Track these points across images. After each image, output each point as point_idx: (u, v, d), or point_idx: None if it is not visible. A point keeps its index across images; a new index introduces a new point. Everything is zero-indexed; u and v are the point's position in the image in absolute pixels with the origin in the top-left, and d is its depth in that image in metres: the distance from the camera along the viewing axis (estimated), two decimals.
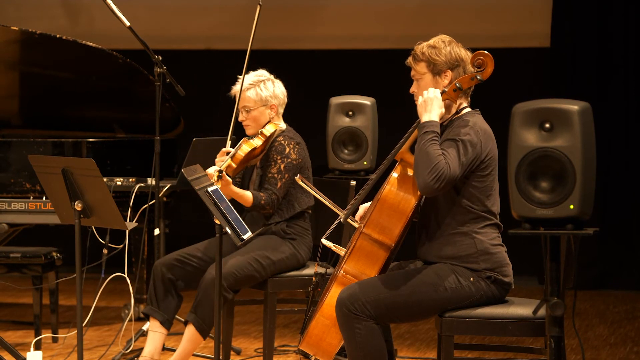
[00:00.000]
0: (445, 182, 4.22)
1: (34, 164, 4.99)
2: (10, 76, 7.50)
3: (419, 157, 4.27)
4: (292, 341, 6.60)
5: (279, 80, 5.62)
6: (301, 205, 5.54)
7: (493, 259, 4.38)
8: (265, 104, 5.51)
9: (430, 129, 4.30)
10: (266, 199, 5.39)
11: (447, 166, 4.22)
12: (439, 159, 4.23)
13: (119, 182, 6.73)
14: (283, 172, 5.44)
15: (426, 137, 4.28)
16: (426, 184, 4.22)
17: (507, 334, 4.36)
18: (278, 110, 5.57)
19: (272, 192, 5.42)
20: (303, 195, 5.55)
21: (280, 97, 5.57)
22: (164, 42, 8.61)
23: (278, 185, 5.43)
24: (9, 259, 6.50)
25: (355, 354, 4.32)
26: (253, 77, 5.55)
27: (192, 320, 5.34)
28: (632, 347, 6.60)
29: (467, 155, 4.29)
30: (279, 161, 5.45)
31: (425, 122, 4.33)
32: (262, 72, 5.60)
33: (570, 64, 8.70)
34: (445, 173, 4.21)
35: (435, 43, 4.48)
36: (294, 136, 5.55)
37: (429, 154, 4.24)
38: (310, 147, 5.64)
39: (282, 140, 5.49)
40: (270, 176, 5.44)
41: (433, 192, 4.26)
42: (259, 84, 5.52)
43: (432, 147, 4.26)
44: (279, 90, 5.57)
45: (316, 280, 4.75)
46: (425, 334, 6.92)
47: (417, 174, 4.27)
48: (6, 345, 5.76)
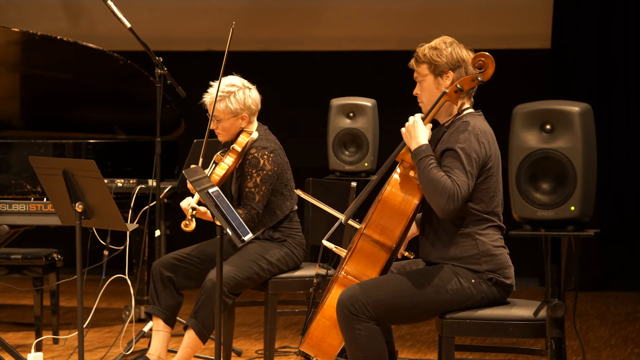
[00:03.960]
0: (461, 199, 4.25)
1: (34, 166, 4.99)
2: (11, 77, 7.50)
3: (425, 186, 4.29)
4: (293, 342, 6.60)
5: (255, 86, 5.53)
6: (283, 211, 5.53)
7: (495, 261, 4.38)
8: (236, 115, 5.47)
9: (423, 155, 4.31)
10: (245, 215, 5.38)
11: (455, 185, 4.24)
12: (443, 180, 4.24)
13: (119, 184, 6.73)
14: (260, 185, 5.42)
15: (423, 165, 4.30)
16: (442, 208, 4.26)
17: (508, 335, 4.36)
18: (250, 118, 5.52)
19: (250, 207, 5.41)
20: (285, 200, 5.53)
21: (252, 107, 5.50)
22: (165, 43, 8.61)
23: (256, 199, 5.42)
24: (10, 260, 6.50)
25: (355, 355, 4.31)
26: (224, 87, 5.46)
27: (192, 325, 5.34)
28: (632, 349, 6.60)
29: (472, 163, 4.29)
30: (254, 174, 5.43)
31: (416, 149, 4.34)
32: (233, 79, 5.50)
33: (571, 65, 8.69)
34: (455, 192, 4.23)
35: (436, 44, 4.48)
36: (268, 144, 5.48)
37: (432, 180, 4.26)
38: (311, 149, 5.64)
39: (254, 153, 5.44)
40: (248, 191, 5.42)
41: (452, 213, 4.29)
42: (230, 95, 5.44)
43: (433, 171, 4.27)
44: (251, 100, 5.48)
45: (317, 281, 4.75)
46: (426, 335, 6.92)
47: (430, 202, 4.30)
48: (7, 347, 5.76)
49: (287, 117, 8.35)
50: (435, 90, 4.46)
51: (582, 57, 8.67)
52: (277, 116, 6.19)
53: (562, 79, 8.72)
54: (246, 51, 8.85)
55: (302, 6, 9.30)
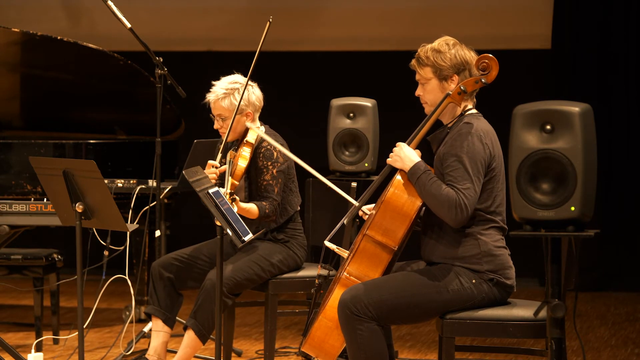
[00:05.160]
0: (470, 207, 4.25)
1: (35, 166, 4.99)
2: (11, 78, 7.50)
3: (430, 202, 4.29)
4: (293, 343, 6.60)
5: (256, 84, 5.55)
6: (293, 207, 5.54)
7: (496, 261, 4.38)
8: (240, 112, 5.46)
9: (420, 173, 4.31)
10: (269, 207, 5.38)
11: (459, 194, 4.24)
12: (446, 192, 4.25)
13: (120, 184, 6.73)
14: (277, 177, 5.42)
15: (422, 182, 4.30)
16: (453, 219, 4.27)
17: (508, 335, 4.36)
18: (254, 116, 5.52)
19: (272, 199, 5.40)
20: (293, 196, 5.54)
21: (256, 103, 5.51)
22: (165, 43, 8.61)
23: (275, 191, 5.41)
24: (10, 260, 6.50)
25: (357, 355, 4.31)
26: (227, 84, 5.47)
27: (191, 325, 5.34)
28: (632, 349, 6.60)
29: (476, 166, 4.28)
30: (270, 167, 5.43)
31: (410, 169, 4.33)
32: (236, 77, 5.52)
33: (572, 65, 8.69)
34: (461, 201, 4.23)
35: (439, 46, 4.43)
36: (276, 138, 5.50)
37: (435, 195, 4.26)
38: (311, 149, 5.64)
39: (267, 146, 5.45)
40: (266, 184, 5.42)
41: (465, 221, 4.29)
42: (233, 92, 5.45)
43: (434, 186, 4.27)
44: (254, 96, 5.49)
45: (319, 282, 4.74)
46: (426, 335, 6.92)
47: (440, 216, 4.30)
48: (7, 347, 5.76)
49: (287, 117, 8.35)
50: (440, 94, 4.43)
51: (582, 57, 8.67)
52: (277, 116, 6.18)
53: (562, 79, 8.72)
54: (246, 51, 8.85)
55: (302, 6, 9.30)
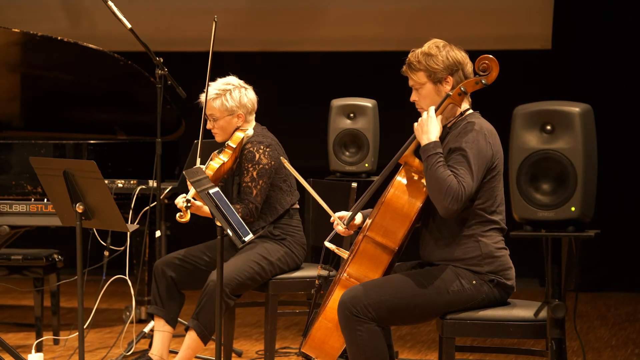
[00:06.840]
0: (464, 200, 4.24)
1: (35, 166, 4.99)
2: (11, 78, 7.49)
3: (431, 184, 4.27)
4: (293, 343, 6.60)
5: (251, 86, 5.55)
6: (283, 205, 5.54)
7: (497, 263, 4.38)
8: (232, 114, 5.48)
9: (433, 152, 4.28)
10: (243, 210, 5.39)
11: (460, 185, 4.23)
12: (450, 180, 4.23)
13: (120, 184, 6.73)
14: (257, 179, 5.43)
15: (431, 161, 4.27)
16: (445, 208, 4.24)
17: (509, 336, 4.36)
18: (246, 117, 5.53)
19: (248, 201, 5.42)
20: (284, 195, 5.54)
21: (248, 105, 5.52)
22: (165, 44, 8.61)
23: (254, 194, 5.42)
24: (10, 261, 6.50)
25: (356, 356, 4.31)
26: (220, 85, 5.50)
27: (193, 326, 5.34)
28: (633, 350, 6.60)
29: (479, 164, 4.28)
30: (251, 169, 5.44)
31: (425, 145, 4.31)
32: (230, 79, 5.54)
33: (572, 66, 8.69)
34: (460, 193, 4.22)
35: (429, 50, 4.41)
36: (263, 139, 5.50)
37: (438, 178, 4.24)
38: (311, 149, 5.64)
39: (250, 147, 5.46)
40: (245, 185, 5.44)
41: (455, 213, 4.27)
42: (225, 93, 5.47)
43: (440, 169, 4.25)
44: (247, 98, 5.51)
45: (319, 282, 4.74)
46: (426, 335, 6.92)
47: (433, 200, 4.28)
48: (7, 347, 5.76)
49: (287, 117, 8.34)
50: (436, 97, 4.41)
51: (582, 57, 8.67)
52: (277, 117, 6.19)
53: (563, 79, 8.72)
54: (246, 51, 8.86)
55: (302, 7, 9.30)
